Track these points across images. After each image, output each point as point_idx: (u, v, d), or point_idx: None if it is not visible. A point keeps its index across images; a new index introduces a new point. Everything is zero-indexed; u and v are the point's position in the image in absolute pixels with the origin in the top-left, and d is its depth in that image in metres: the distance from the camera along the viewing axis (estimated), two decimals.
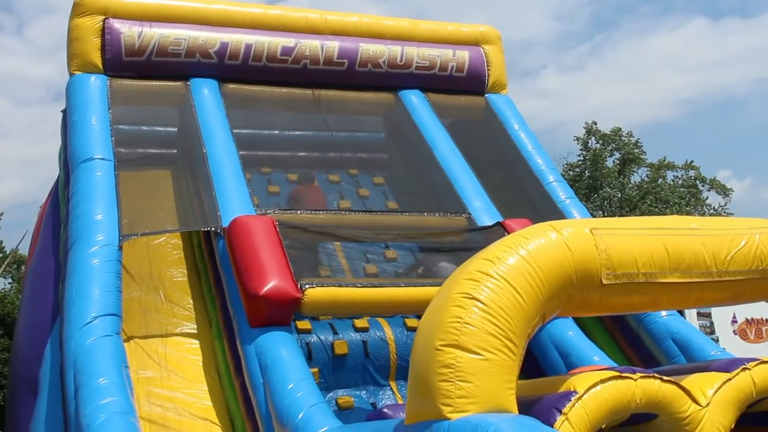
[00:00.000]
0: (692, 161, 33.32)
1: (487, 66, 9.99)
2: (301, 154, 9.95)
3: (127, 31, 8.71)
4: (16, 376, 7.89)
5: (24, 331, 8.16)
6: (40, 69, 65.20)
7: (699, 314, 16.75)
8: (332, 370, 7.17)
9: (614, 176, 31.76)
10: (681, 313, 10.37)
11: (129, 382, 5.77)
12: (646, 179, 32.83)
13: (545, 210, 8.50)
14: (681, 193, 31.67)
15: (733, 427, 4.54)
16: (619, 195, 31.21)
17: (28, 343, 7.72)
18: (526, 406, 3.93)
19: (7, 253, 33.70)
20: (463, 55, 9.89)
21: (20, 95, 65.37)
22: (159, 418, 6.29)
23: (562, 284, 3.98)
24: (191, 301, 7.58)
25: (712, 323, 16.94)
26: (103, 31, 8.65)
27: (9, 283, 33.06)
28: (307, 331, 7.24)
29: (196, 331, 7.25)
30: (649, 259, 4.24)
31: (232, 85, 9.12)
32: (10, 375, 9.31)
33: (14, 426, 7.39)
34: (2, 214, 34.99)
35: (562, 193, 8.82)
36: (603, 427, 4.15)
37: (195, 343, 7.12)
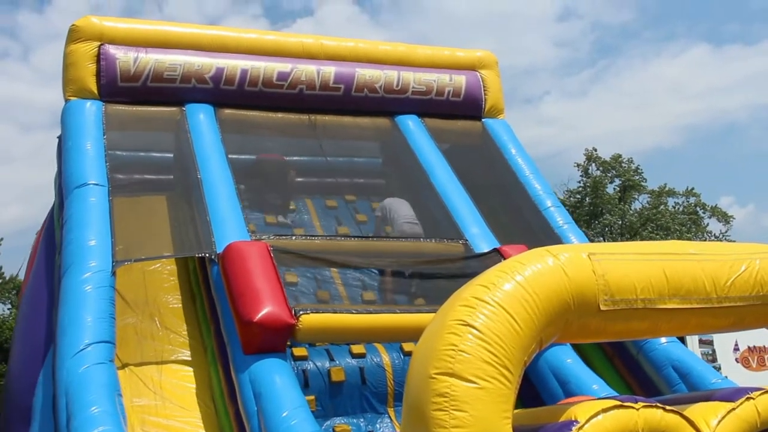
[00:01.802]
0: (693, 188, 33.37)
1: (484, 90, 9.98)
2: (298, 179, 9.91)
3: (123, 56, 8.70)
4: (10, 404, 7.79)
5: (18, 359, 8.08)
6: (44, 94, 65.54)
7: (701, 342, 16.65)
8: (329, 398, 7.09)
9: (615, 203, 31.77)
10: (682, 340, 10.31)
11: (122, 411, 5.69)
12: (647, 206, 32.84)
13: (543, 236, 8.45)
14: (682, 220, 31.66)
15: None
16: (620, 222, 31.20)
17: (21, 371, 7.65)
18: None
19: (7, 279, 33.69)
20: (460, 79, 9.89)
21: (25, 120, 65.63)
22: None
23: (559, 310, 3.91)
24: (186, 328, 7.52)
25: (714, 351, 16.83)
26: (99, 57, 8.64)
27: (8, 309, 32.97)
28: (304, 358, 7.18)
29: (191, 358, 7.18)
30: (647, 284, 4.17)
31: (227, 110, 9.11)
32: (3, 403, 9.22)
33: None
34: (2, 239, 34.99)
35: (560, 219, 8.78)
36: None
37: (190, 371, 7.04)
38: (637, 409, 4.14)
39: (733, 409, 4.52)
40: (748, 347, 16.97)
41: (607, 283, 4.06)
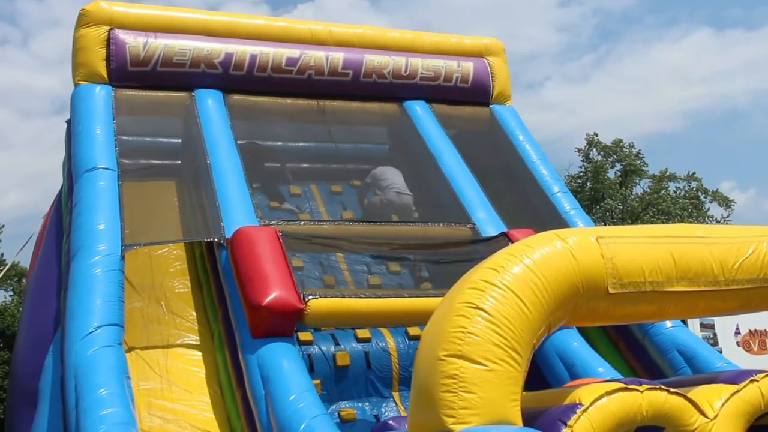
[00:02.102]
0: (694, 172, 33.27)
1: (492, 77, 9.97)
2: (305, 165, 9.92)
3: (132, 41, 8.70)
4: (16, 388, 7.84)
5: (24, 343, 8.12)
6: (44, 81, 65.51)
7: (702, 326, 16.63)
8: (334, 382, 7.12)
9: (616, 188, 31.69)
10: (684, 322, 10.31)
11: (130, 393, 5.73)
12: (648, 191, 32.76)
13: (550, 220, 8.44)
14: (683, 205, 31.58)
15: None
16: (621, 207, 31.14)
17: (28, 355, 7.68)
18: (530, 418, 3.86)
19: (8, 265, 33.73)
20: (468, 66, 9.87)
21: (25, 107, 65.63)
22: (160, 430, 6.24)
23: (567, 294, 3.93)
24: (193, 313, 7.54)
25: (715, 335, 16.81)
26: (108, 42, 8.63)
27: (10, 296, 33.03)
28: (309, 343, 7.20)
29: (198, 343, 7.21)
30: (655, 267, 4.18)
31: (236, 96, 9.10)
32: (9, 387, 9.26)
33: None
34: (3, 226, 35.01)
35: (567, 204, 8.78)
36: None
37: (197, 355, 7.07)
38: (642, 392, 4.16)
39: (737, 391, 4.54)
40: (750, 331, 16.96)
41: (615, 266, 4.08)
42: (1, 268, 33.52)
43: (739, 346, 16.74)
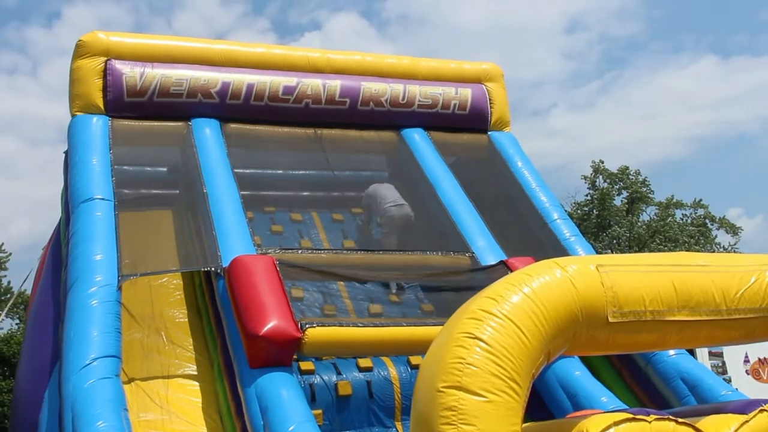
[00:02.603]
0: (701, 199, 33.34)
1: (490, 103, 9.97)
2: (305, 193, 9.91)
3: (129, 71, 8.72)
4: (17, 420, 7.78)
5: (25, 375, 8.07)
6: (52, 109, 66.02)
7: (711, 354, 16.55)
8: (336, 412, 7.06)
9: (622, 215, 31.72)
10: (692, 352, 10.24)
11: (128, 426, 5.67)
12: (654, 218, 32.78)
13: (550, 248, 8.41)
14: (690, 232, 31.60)
15: None
16: (628, 234, 31.13)
17: (28, 387, 7.63)
18: None
19: (15, 294, 33.75)
20: (466, 92, 9.88)
21: (33, 135, 66.01)
22: None
23: (567, 322, 3.87)
24: (193, 342, 7.50)
25: (724, 363, 16.72)
26: (105, 72, 8.66)
27: (16, 324, 33.02)
28: (311, 372, 7.15)
29: (197, 373, 7.16)
30: (656, 296, 4.13)
31: (233, 125, 9.11)
32: (11, 418, 9.19)
33: None
34: (10, 254, 35.10)
35: (567, 231, 8.75)
36: None
37: (196, 385, 7.02)
38: (650, 422, 4.09)
39: (747, 421, 4.46)
40: (759, 359, 16.86)
41: (615, 294, 4.03)
42: (8, 296, 33.59)
43: (748, 374, 16.65)
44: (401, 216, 8.75)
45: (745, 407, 4.60)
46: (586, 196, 32.91)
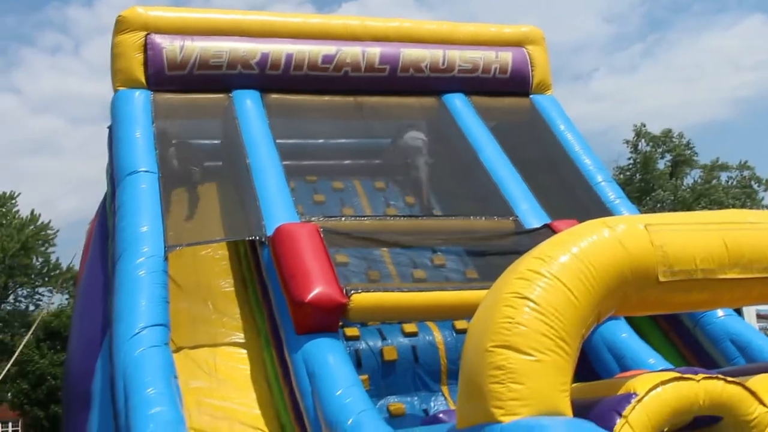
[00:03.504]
0: (746, 161, 32.68)
1: (531, 66, 9.84)
2: (346, 162, 9.90)
3: (169, 45, 8.76)
4: (70, 390, 7.94)
5: (76, 346, 8.22)
6: (95, 87, 66.74)
7: (759, 316, 16.33)
8: (382, 377, 7.11)
9: (666, 179, 31.27)
10: (739, 313, 10.10)
11: (178, 392, 5.75)
12: (699, 181, 32.29)
13: (594, 211, 8.28)
14: (736, 194, 31.08)
15: None
16: (672, 198, 30.72)
17: (79, 358, 7.77)
18: (582, 409, 3.79)
19: (64, 269, 34.45)
20: (506, 56, 9.76)
21: (76, 114, 66.92)
22: (209, 427, 6.27)
23: (616, 283, 3.85)
24: (239, 311, 7.58)
25: None
26: (146, 47, 8.71)
27: (66, 299, 33.68)
28: (356, 338, 7.20)
29: (244, 341, 7.25)
30: (707, 255, 4.09)
31: (274, 95, 9.12)
32: (63, 389, 9.38)
33: None
34: (58, 231, 35.71)
35: (612, 193, 8.64)
36: (665, 430, 3.99)
37: (244, 353, 7.11)
38: (698, 381, 4.06)
39: None
40: None
41: (665, 254, 3.99)
42: (57, 272, 34.25)
43: None
44: (413, 143, 8.73)
45: None
46: (629, 160, 32.48)
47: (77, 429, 7.11)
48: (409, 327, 7.39)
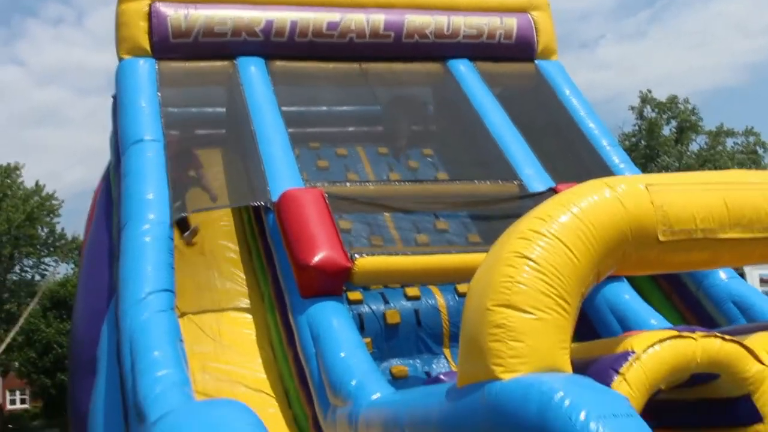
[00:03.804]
0: (752, 127, 32.54)
1: (536, 32, 9.79)
2: (350, 128, 9.91)
3: (173, 13, 8.75)
4: (75, 357, 8.03)
5: (81, 313, 8.30)
6: (99, 58, 66.58)
7: (762, 281, 16.33)
8: (385, 340, 7.15)
9: (671, 145, 31.18)
10: (742, 277, 10.11)
11: (184, 356, 5.80)
12: (704, 147, 32.18)
13: (598, 174, 8.06)
14: (741, 160, 30.98)
15: None
16: (677, 164, 30.66)
17: (85, 325, 7.86)
18: (581, 367, 3.82)
19: (70, 239, 34.68)
20: (511, 22, 9.72)
21: (81, 84, 66.87)
22: (214, 391, 6.35)
23: (616, 242, 3.86)
24: (243, 277, 7.65)
25: None
26: (150, 15, 8.70)
27: (71, 269, 33.91)
28: (359, 302, 7.24)
29: (249, 306, 7.33)
30: (708, 214, 4.08)
31: (278, 62, 9.11)
32: (69, 357, 9.48)
33: (75, 406, 7.51)
34: (63, 201, 35.87)
35: (616, 158, 8.63)
36: (662, 388, 4.03)
37: (248, 318, 7.19)
38: (696, 339, 4.09)
39: None
40: None
41: (665, 213, 3.99)
42: (62, 242, 34.50)
43: None
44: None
45: None
46: (634, 126, 32.38)
47: (83, 395, 7.19)
48: (412, 291, 7.43)
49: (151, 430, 4.00)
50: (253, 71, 8.84)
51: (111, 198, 8.36)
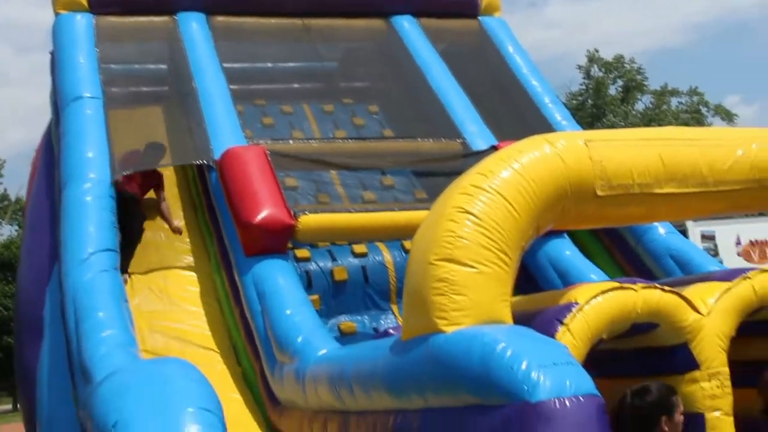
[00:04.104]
0: (696, 87, 33.10)
1: None
2: (295, 85, 9.83)
3: None
4: (21, 319, 7.95)
5: (26, 274, 8.19)
6: (40, 14, 64.59)
7: (703, 237, 16.76)
8: (333, 297, 7.21)
9: (617, 104, 31.60)
10: (684, 234, 10.33)
11: (129, 316, 5.79)
12: (650, 106, 32.67)
13: (541, 132, 8.31)
14: (685, 120, 31.54)
15: (733, 335, 4.54)
16: (623, 123, 31.10)
17: (29, 287, 7.77)
18: (526, 319, 3.91)
19: (13, 200, 34.01)
20: None
21: (21, 42, 64.96)
22: (162, 350, 6.36)
23: (555, 197, 3.93)
24: (189, 235, 7.61)
25: (716, 245, 16.95)
26: None
27: (15, 230, 33.33)
28: (306, 259, 7.27)
29: (194, 264, 7.31)
30: (644, 169, 4.16)
31: (220, 18, 8.98)
32: (15, 318, 9.37)
33: (22, 368, 7.45)
34: (5, 162, 35.06)
35: (558, 115, 8.70)
36: (604, 337, 4.15)
37: (194, 276, 7.18)
38: (636, 291, 4.22)
39: (730, 288, 4.59)
40: (750, 241, 17.10)
41: (603, 168, 4.07)
42: (5, 203, 33.84)
43: (739, 256, 16.90)
44: None
45: (729, 275, 4.73)
46: (581, 85, 32.72)
47: (30, 357, 7.14)
48: (359, 248, 7.47)
49: (97, 390, 3.99)
50: (194, 27, 8.72)
51: (52, 157, 8.22)
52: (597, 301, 4.08)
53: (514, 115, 8.89)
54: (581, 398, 3.12)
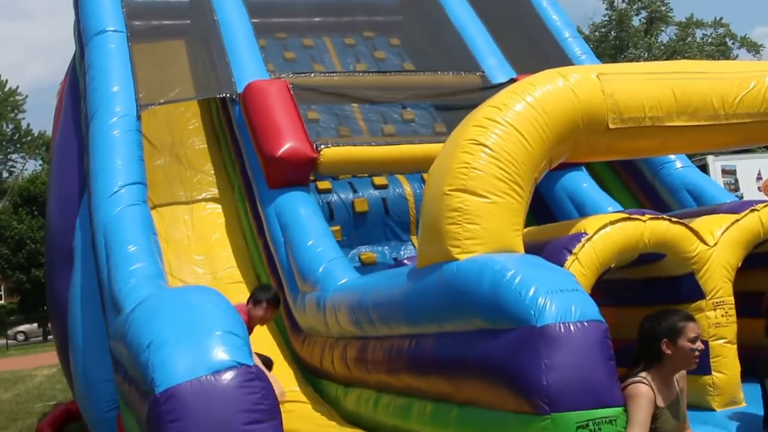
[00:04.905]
0: (722, 18, 32.42)
1: None
2: (316, 19, 9.83)
3: None
4: (52, 249, 8.10)
5: (55, 206, 8.33)
6: None
7: (724, 171, 16.67)
8: (354, 228, 7.36)
9: (641, 36, 31.09)
10: (704, 169, 10.32)
11: (157, 248, 5.90)
12: (673, 38, 32.13)
13: (560, 66, 8.34)
14: (710, 52, 31.01)
15: (739, 266, 4.66)
16: (646, 55, 30.65)
17: (59, 217, 7.89)
18: (537, 249, 4.05)
19: (36, 135, 34.21)
20: None
21: None
22: (190, 277, 6.55)
23: (568, 129, 4.02)
24: (213, 168, 7.75)
25: (736, 180, 16.86)
26: None
27: (39, 165, 33.61)
28: (328, 191, 7.41)
29: (219, 196, 7.46)
30: (656, 103, 4.23)
31: None
32: (46, 249, 9.58)
33: (54, 297, 7.64)
34: (27, 96, 35.20)
35: (578, 49, 8.68)
36: (612, 266, 4.28)
37: (219, 208, 7.34)
38: (644, 221, 4.34)
39: (737, 220, 4.70)
40: None
41: (615, 102, 4.14)
42: (29, 138, 34.05)
43: (760, 191, 16.81)
44: None
45: (737, 207, 4.83)
46: (604, 17, 32.19)
47: (61, 285, 7.29)
48: (380, 180, 7.60)
49: (129, 317, 4.15)
50: None
51: (78, 91, 8.32)
52: (605, 232, 4.21)
53: (534, 49, 8.88)
54: (585, 323, 3.24)
